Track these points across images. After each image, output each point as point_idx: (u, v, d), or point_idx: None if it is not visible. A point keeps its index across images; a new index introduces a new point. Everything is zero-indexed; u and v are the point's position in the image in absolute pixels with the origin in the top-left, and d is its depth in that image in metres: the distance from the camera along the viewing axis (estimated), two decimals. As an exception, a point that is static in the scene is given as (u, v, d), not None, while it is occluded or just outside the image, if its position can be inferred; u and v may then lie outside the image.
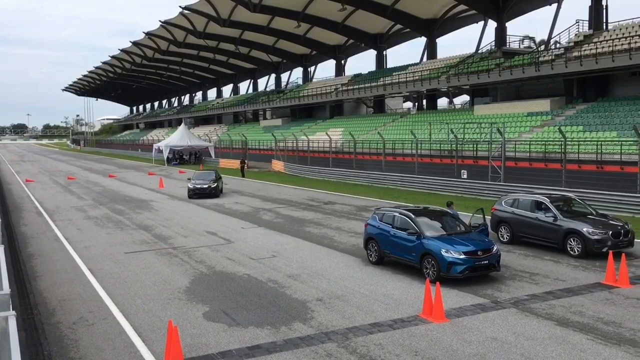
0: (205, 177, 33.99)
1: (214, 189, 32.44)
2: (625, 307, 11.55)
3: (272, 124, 74.47)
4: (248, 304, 12.32)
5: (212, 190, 32.35)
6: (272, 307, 12.07)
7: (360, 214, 24.89)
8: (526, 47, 50.00)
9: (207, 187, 32.31)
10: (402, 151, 40.83)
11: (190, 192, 32.31)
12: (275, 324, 11.03)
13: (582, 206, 17.70)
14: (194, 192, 32.15)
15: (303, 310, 11.80)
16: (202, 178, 33.66)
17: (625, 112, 31.73)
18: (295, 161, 51.56)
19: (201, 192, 32.18)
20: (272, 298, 12.70)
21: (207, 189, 32.29)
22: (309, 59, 76.59)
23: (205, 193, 32.25)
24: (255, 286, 13.70)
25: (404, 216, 14.86)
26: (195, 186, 32.35)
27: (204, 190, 32.22)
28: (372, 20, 56.87)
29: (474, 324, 10.74)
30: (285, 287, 13.57)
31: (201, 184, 32.54)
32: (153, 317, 11.58)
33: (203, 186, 32.30)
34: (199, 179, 33.50)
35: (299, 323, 11.04)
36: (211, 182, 32.79)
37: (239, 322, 11.11)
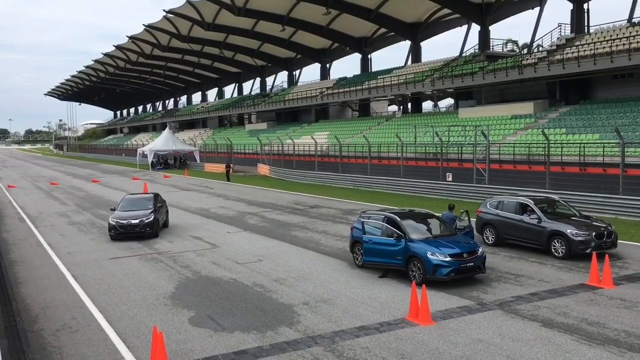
0: (138, 205, 21.66)
1: (149, 226, 20.41)
2: (609, 308, 11.65)
3: (257, 128, 74.33)
4: (234, 308, 12.25)
5: (147, 228, 20.39)
6: (258, 311, 12.01)
7: (346, 218, 24.90)
8: (509, 50, 50.37)
9: (138, 223, 20.33)
10: (388, 154, 40.94)
11: (112, 231, 20.46)
12: (261, 328, 10.97)
13: (566, 208, 17.85)
14: (118, 232, 20.33)
15: (289, 315, 11.75)
16: (132, 208, 21.48)
17: (607, 115, 32.09)
18: (281, 165, 51.49)
19: (129, 232, 20.33)
20: (258, 302, 12.64)
21: (138, 226, 20.32)
22: (294, 62, 76.58)
23: (135, 232, 20.35)
24: (241, 291, 13.63)
25: (389, 219, 14.87)
26: (120, 222, 20.29)
27: (133, 228, 20.30)
28: (356, 23, 57.02)
29: (460, 326, 10.77)
30: (272, 291, 13.51)
31: (129, 218, 20.46)
32: (138, 323, 11.46)
33: (132, 222, 20.27)
34: (126, 209, 21.40)
35: (286, 327, 11.00)
36: (145, 215, 20.72)
37: (225, 327, 11.04)
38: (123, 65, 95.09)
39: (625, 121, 29.99)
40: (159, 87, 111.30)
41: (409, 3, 50.14)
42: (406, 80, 48.85)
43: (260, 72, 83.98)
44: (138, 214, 20.77)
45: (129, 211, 21.14)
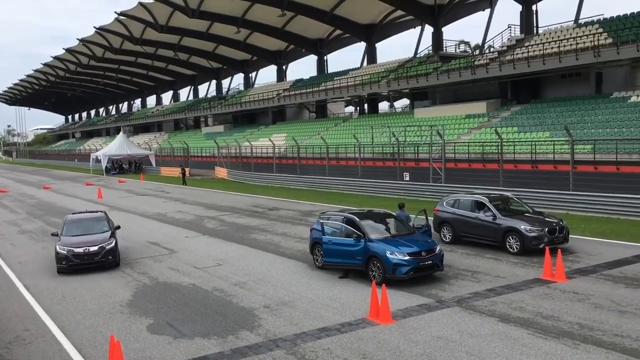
0: (89, 228, 17.39)
1: (111, 253, 16.43)
2: (562, 301, 11.98)
3: (214, 131, 73.61)
4: (194, 314, 12.08)
5: (109, 256, 16.39)
6: (219, 316, 11.87)
7: (306, 219, 24.89)
8: (462, 51, 51.39)
9: (97, 250, 16.21)
10: (346, 155, 41.15)
11: (61, 263, 16.10)
12: (222, 333, 10.85)
13: (520, 204, 18.28)
14: (72, 263, 16.05)
15: (250, 318, 11.66)
16: (83, 231, 17.13)
17: (557, 113, 33.06)
18: (239, 168, 51.14)
19: (87, 262, 16.15)
20: (218, 307, 12.50)
21: (98, 254, 16.23)
22: (249, 64, 76.19)
23: (95, 263, 16.24)
24: (200, 296, 13.45)
25: (348, 220, 14.93)
26: (74, 251, 16.04)
27: (92, 257, 16.16)
28: (312, 25, 57.15)
29: (420, 324, 10.89)
30: (232, 295, 13.39)
31: (84, 244, 16.24)
32: (94, 332, 11.18)
33: (90, 250, 16.12)
34: (75, 233, 17.00)
35: (247, 331, 10.91)
36: (104, 240, 16.59)
37: (185, 334, 10.87)
38: (74, 68, 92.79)
39: (574, 119, 30.95)
40: (112, 90, 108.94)
41: (364, 5, 50.57)
42: (362, 82, 49.23)
43: (216, 75, 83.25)
44: (95, 239, 16.46)
45: (80, 235, 16.74)
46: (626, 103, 30.41)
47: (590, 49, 31.85)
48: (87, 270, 16.09)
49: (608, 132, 27.92)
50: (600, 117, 29.99)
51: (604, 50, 31.13)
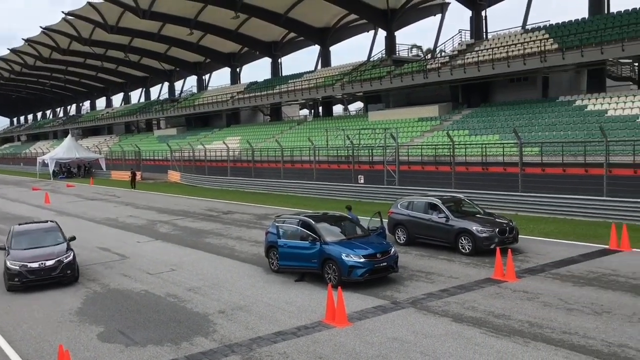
0: (41, 239, 15.78)
1: (69, 267, 14.91)
2: (513, 300, 12.27)
3: (166, 134, 72.38)
4: (146, 321, 11.82)
5: (67, 270, 14.86)
6: (172, 322, 11.66)
7: (261, 223, 24.75)
8: (414, 55, 52.25)
9: (54, 264, 14.64)
10: (300, 158, 41.15)
11: (14, 280, 14.53)
12: (175, 340, 10.65)
13: (471, 206, 18.64)
14: (27, 280, 14.49)
15: (205, 324, 11.50)
16: (35, 243, 15.50)
17: (506, 116, 33.92)
18: (192, 171, 50.46)
19: (43, 278, 14.61)
20: (171, 313, 12.27)
21: (56, 269, 14.66)
22: (203, 66, 75.33)
23: (51, 278, 14.68)
24: (153, 302, 13.18)
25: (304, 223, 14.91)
26: (28, 266, 14.47)
27: (49, 272, 14.61)
28: (266, 28, 56.99)
29: (376, 326, 10.96)
30: (186, 301, 13.17)
31: (39, 258, 14.67)
32: (42, 342, 10.81)
33: (46, 264, 14.58)
34: (26, 246, 15.38)
35: (201, 337, 10.74)
36: (62, 252, 15.09)
37: (137, 341, 10.63)
38: (19, 69, 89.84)
39: (522, 122, 31.82)
40: (59, 92, 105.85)
41: (318, 8, 50.74)
42: (317, 85, 49.36)
43: (168, 77, 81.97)
44: (51, 252, 14.90)
45: (32, 249, 15.10)
46: (571, 107, 31.46)
47: (537, 54, 32.82)
48: (41, 287, 14.54)
49: (554, 135, 28.81)
50: (547, 121, 30.93)
51: (550, 56, 32.14)
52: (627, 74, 38.34)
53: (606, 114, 28.99)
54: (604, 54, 29.81)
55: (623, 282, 13.27)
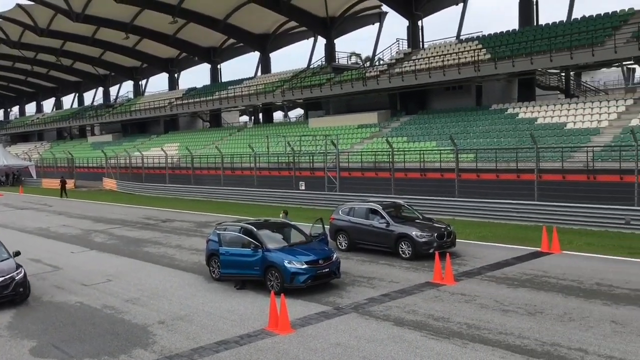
0: None
1: (21, 285, 13.59)
2: (451, 303, 12.57)
3: (101, 140, 70.32)
4: (82, 334, 11.40)
5: (19, 288, 13.53)
6: (109, 335, 11.30)
7: (201, 230, 24.38)
8: (354, 63, 53.00)
9: (5, 283, 13.27)
10: (241, 165, 40.86)
11: None
12: (113, 353, 10.33)
13: (410, 211, 19.01)
14: None
15: (144, 335, 11.20)
16: None
17: (442, 124, 34.85)
18: (129, 179, 49.16)
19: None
20: (109, 325, 11.89)
21: (8, 287, 13.32)
22: (139, 71, 73.71)
23: (2, 298, 13.26)
24: (89, 314, 12.73)
25: (245, 230, 14.79)
26: None
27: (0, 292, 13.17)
28: (205, 33, 56.38)
29: (319, 332, 10.98)
30: (124, 312, 12.79)
31: None
32: (-32, 360, 10.24)
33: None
34: None
35: (140, 349, 10.46)
36: (11, 269, 13.67)
37: (72, 355, 10.24)
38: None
39: (458, 129, 32.77)
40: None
41: (257, 15, 50.67)
42: (257, 91, 49.20)
43: (103, 82, 79.75)
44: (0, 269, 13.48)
45: None
46: (503, 115, 32.67)
47: (471, 64, 33.93)
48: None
49: (488, 142, 29.82)
50: (481, 128, 31.98)
51: (483, 65, 33.30)
52: (555, 83, 40.13)
53: (536, 121, 30.27)
54: (533, 64, 31.15)
55: (554, 283, 13.85)
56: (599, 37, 29.98)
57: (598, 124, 27.69)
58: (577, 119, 28.82)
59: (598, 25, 31.89)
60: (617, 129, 26.55)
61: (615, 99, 30.30)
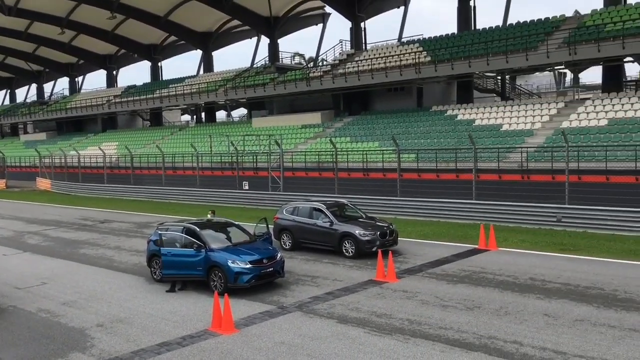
0: None
1: None
2: (394, 300, 12.81)
3: (35, 139, 67.59)
4: (16, 339, 10.97)
5: None
6: (45, 339, 10.92)
7: (142, 231, 23.85)
8: (297, 63, 53.11)
9: None
10: (183, 164, 40.20)
11: None
12: (49, 357, 10.00)
13: (354, 210, 19.22)
14: None
15: (82, 339, 10.88)
16: None
17: (385, 124, 35.38)
18: (65, 178, 47.48)
19: None
20: (44, 329, 11.48)
21: None
22: (76, 68, 71.29)
23: None
24: (23, 318, 12.25)
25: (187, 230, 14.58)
26: None
27: None
28: (145, 30, 55.12)
29: (263, 331, 10.96)
30: (60, 315, 12.38)
31: None
32: None
33: None
34: None
35: (78, 353, 10.16)
36: None
37: (5, 362, 9.84)
38: None
39: (400, 130, 33.36)
40: None
41: (199, 12, 49.97)
42: (199, 90, 48.51)
43: (36, 78, 76.74)
44: None
45: None
46: (443, 116, 33.49)
47: (412, 66, 34.60)
48: None
49: (429, 143, 30.50)
50: (422, 129, 32.67)
51: (424, 68, 34.01)
52: (492, 86, 41.52)
53: (474, 123, 31.19)
54: (471, 67, 32.09)
55: (491, 278, 14.32)
56: (532, 42, 31.17)
57: (532, 125, 28.80)
58: (512, 121, 29.87)
59: (532, 30, 33.15)
60: (549, 130, 27.69)
61: (548, 102, 31.60)
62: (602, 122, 26.31)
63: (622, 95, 28.23)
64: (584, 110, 28.07)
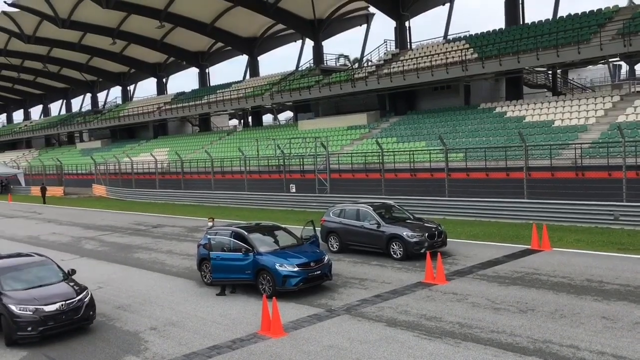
0: (40, 276, 12.54)
1: (91, 309, 12.08)
2: (443, 302, 12.60)
3: (90, 147, 69.91)
4: (73, 343, 11.32)
5: (90, 312, 12.03)
6: (101, 342, 11.24)
7: (192, 235, 24.30)
8: (342, 64, 53.00)
9: (76, 305, 11.77)
10: (231, 169, 40.76)
11: (26, 330, 11.19)
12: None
13: (401, 212, 19.04)
14: (46, 328, 11.31)
15: (136, 342, 11.15)
16: (33, 282, 12.21)
17: (431, 124, 34.95)
18: (119, 185, 48.93)
19: (63, 323, 11.53)
20: (100, 333, 11.82)
21: (79, 312, 11.74)
22: (127, 77, 73.41)
23: (72, 323, 11.70)
24: (80, 322, 12.63)
25: (236, 234, 14.75)
26: (43, 311, 11.25)
27: (70, 316, 11.61)
28: (192, 38, 56.26)
29: (311, 335, 10.97)
30: (115, 319, 12.72)
31: (51, 300, 11.54)
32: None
33: (63, 306, 11.55)
34: (25, 285, 12.03)
35: (132, 356, 10.41)
36: (78, 292, 12.09)
37: (64, 364, 10.17)
38: None
39: (447, 129, 32.89)
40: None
41: (244, 18, 50.64)
42: (246, 94, 49.15)
43: (90, 88, 79.34)
44: (64, 292, 11.90)
45: (33, 288, 11.85)
46: (492, 113, 32.81)
47: (458, 64, 34.06)
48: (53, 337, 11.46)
49: (477, 141, 29.93)
50: (470, 127, 32.10)
51: (471, 65, 33.43)
52: (542, 81, 40.39)
53: (524, 119, 30.43)
54: (520, 62, 31.30)
55: (545, 280, 13.92)
56: (584, 35, 30.19)
57: (585, 121, 27.88)
58: (564, 117, 28.99)
59: (583, 23, 32.12)
60: (604, 125, 26.74)
61: (602, 95, 30.53)
62: (661, 115, 25.23)
63: (682, 87, 27.01)
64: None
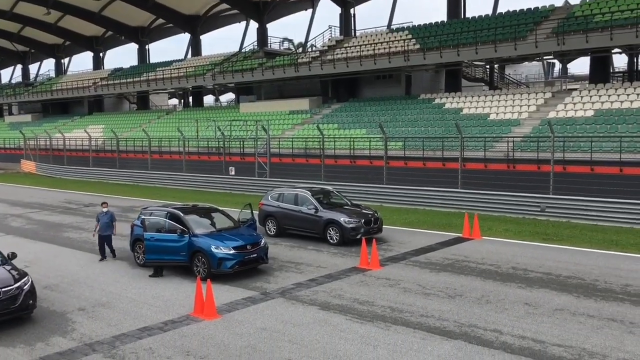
0: None
1: (31, 297, 10.91)
2: (376, 287, 12.86)
3: (20, 120, 66.85)
4: (-5, 323, 10.89)
5: (29, 301, 10.82)
6: (26, 322, 10.85)
7: (126, 215, 23.72)
8: (286, 48, 52.65)
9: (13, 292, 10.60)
10: (169, 149, 39.97)
11: None
12: (29, 341, 9.94)
13: (339, 197, 19.23)
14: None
15: (63, 323, 10.83)
16: None
17: (372, 112, 35.34)
18: (50, 161, 47.08)
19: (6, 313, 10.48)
20: (25, 313, 11.39)
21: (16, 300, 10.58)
22: (62, 49, 70.43)
23: (13, 312, 10.59)
24: (3, 302, 12.14)
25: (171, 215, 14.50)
26: None
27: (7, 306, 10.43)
28: (132, 12, 54.47)
29: (245, 317, 10.97)
30: (42, 299, 12.28)
31: None
32: None
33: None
34: None
35: (59, 337, 10.11)
36: (17, 279, 10.85)
37: (-16, 345, 9.77)
38: None
39: (387, 117, 33.35)
40: None
41: (187, -6, 49.49)
42: (187, 74, 48.13)
43: (21, 59, 75.75)
44: None
45: None
46: (431, 104, 33.51)
47: (401, 53, 34.53)
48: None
49: (416, 131, 30.51)
50: (410, 117, 32.67)
51: (413, 55, 33.96)
52: (480, 75, 41.53)
53: (462, 111, 31.23)
54: (460, 56, 32.05)
55: (474, 267, 14.43)
56: (521, 32, 31.18)
57: (519, 115, 28.90)
58: (499, 111, 29.95)
59: (521, 20, 33.16)
60: (536, 120, 27.81)
61: (535, 92, 31.70)
62: (589, 112, 26.46)
63: (609, 87, 28.38)
64: (570, 100, 28.19)
